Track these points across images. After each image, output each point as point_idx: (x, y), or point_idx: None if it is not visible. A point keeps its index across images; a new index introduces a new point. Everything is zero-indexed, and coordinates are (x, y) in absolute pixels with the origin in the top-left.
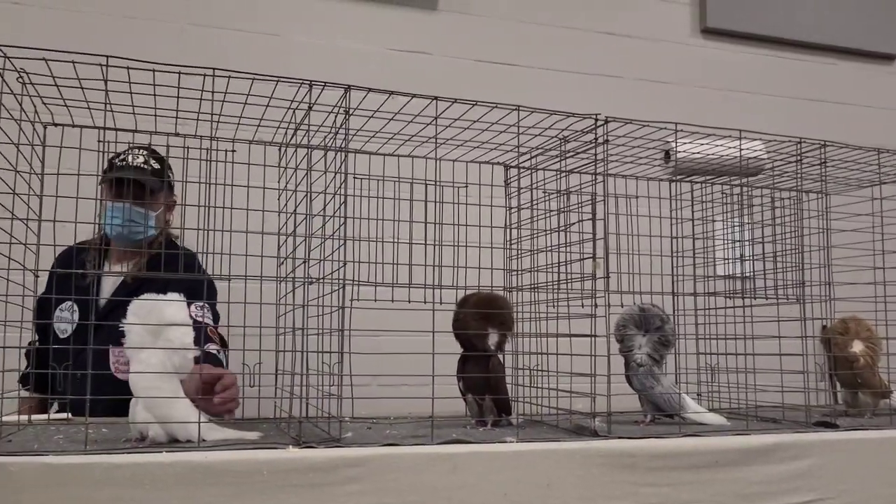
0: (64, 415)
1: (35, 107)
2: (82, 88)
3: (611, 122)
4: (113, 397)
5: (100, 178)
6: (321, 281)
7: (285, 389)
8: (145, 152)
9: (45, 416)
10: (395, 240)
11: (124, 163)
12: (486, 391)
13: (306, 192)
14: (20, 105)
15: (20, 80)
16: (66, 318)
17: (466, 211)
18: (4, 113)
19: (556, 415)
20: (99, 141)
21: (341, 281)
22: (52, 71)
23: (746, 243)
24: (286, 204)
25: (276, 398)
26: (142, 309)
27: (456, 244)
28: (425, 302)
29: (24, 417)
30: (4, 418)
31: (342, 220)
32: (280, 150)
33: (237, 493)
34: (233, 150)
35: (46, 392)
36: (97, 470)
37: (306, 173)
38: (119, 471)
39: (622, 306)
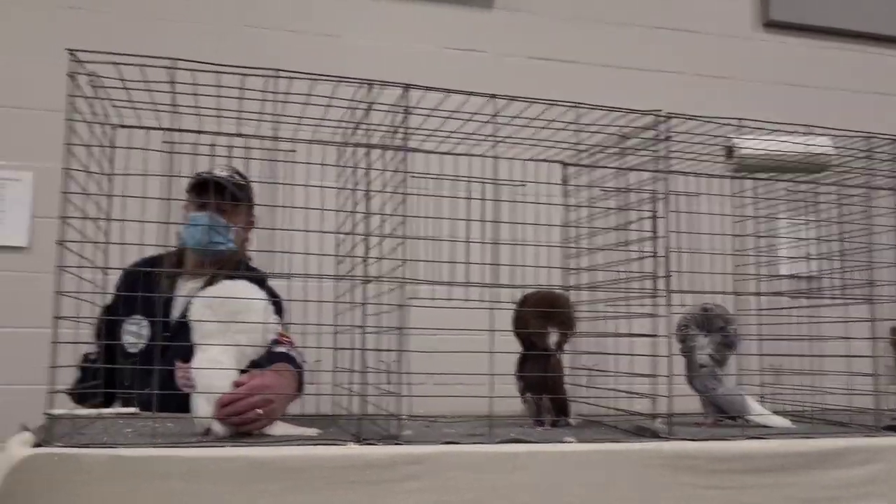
0: (133, 409)
1: (105, 109)
2: (150, 91)
3: (672, 119)
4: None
5: (186, 188)
6: (380, 279)
7: (344, 387)
8: (231, 169)
9: (114, 410)
10: (453, 238)
11: (209, 174)
12: (544, 391)
13: (365, 191)
14: (91, 108)
15: (92, 83)
16: (134, 332)
17: (524, 209)
18: (76, 116)
19: (616, 416)
20: (164, 142)
21: (400, 279)
22: (121, 74)
23: (812, 241)
24: (345, 203)
25: (335, 395)
26: (214, 301)
27: (513, 243)
28: (482, 301)
29: (94, 411)
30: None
31: (401, 218)
32: (339, 149)
33: (297, 488)
34: (292, 150)
35: (108, 404)
36: (163, 463)
37: (365, 172)
38: (184, 464)
39: (683, 306)
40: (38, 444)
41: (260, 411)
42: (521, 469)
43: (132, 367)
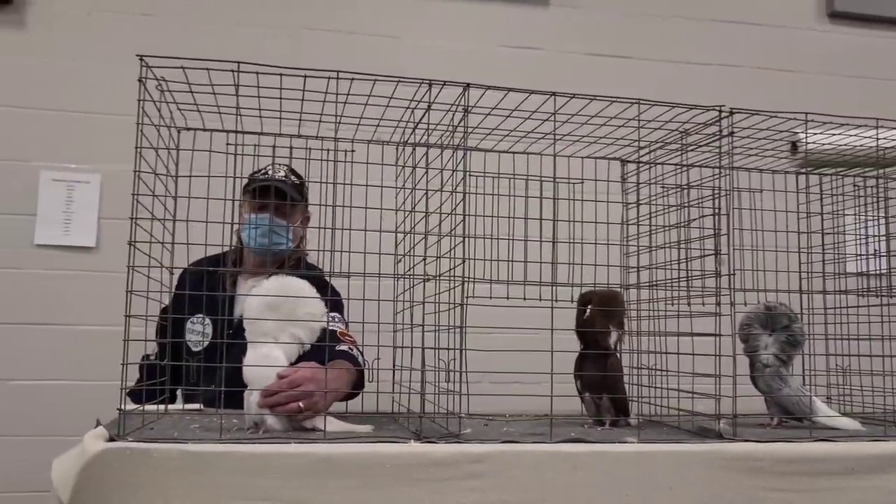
0: (196, 405)
1: (171, 113)
2: (214, 94)
3: (735, 114)
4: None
5: (242, 189)
6: (439, 278)
7: (403, 385)
8: (285, 167)
9: (179, 406)
10: (511, 237)
11: (266, 175)
12: (603, 390)
13: (425, 190)
14: (159, 111)
15: (159, 87)
16: (198, 331)
17: (582, 207)
18: (145, 119)
19: (678, 416)
20: (228, 144)
21: (460, 278)
22: (187, 79)
23: (881, 238)
24: (404, 202)
25: (394, 393)
26: (266, 296)
27: (572, 241)
28: (541, 299)
29: (161, 408)
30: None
31: (462, 217)
32: (398, 149)
33: (360, 485)
34: (352, 150)
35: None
36: (232, 458)
37: (424, 171)
38: (251, 460)
39: (746, 304)
40: (111, 439)
41: (301, 404)
42: (582, 469)
43: (196, 363)
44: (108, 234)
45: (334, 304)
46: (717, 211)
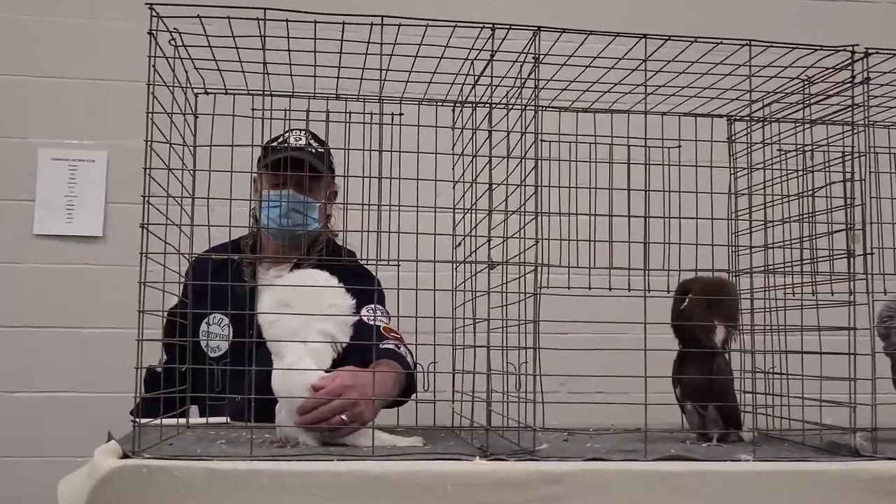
0: (223, 419)
1: (187, 72)
2: (237, 48)
3: (872, 55)
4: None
5: (258, 161)
6: (506, 264)
7: (465, 393)
8: (306, 133)
9: (203, 420)
10: (592, 212)
11: (283, 144)
12: (709, 398)
13: (488, 157)
14: (173, 70)
15: (172, 42)
16: (216, 333)
17: (680, 176)
18: (157, 80)
19: (802, 429)
20: (253, 109)
21: (532, 264)
22: (206, 31)
23: None
24: (463, 173)
25: (454, 401)
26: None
27: (667, 216)
28: (630, 289)
29: (182, 420)
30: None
31: (534, 189)
32: (455, 109)
33: None
34: (400, 114)
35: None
36: (265, 477)
37: (487, 136)
38: (288, 479)
39: (886, 293)
40: (125, 456)
41: (344, 417)
42: (685, 492)
43: (215, 367)
44: (116, 221)
45: (376, 295)
46: (848, 176)
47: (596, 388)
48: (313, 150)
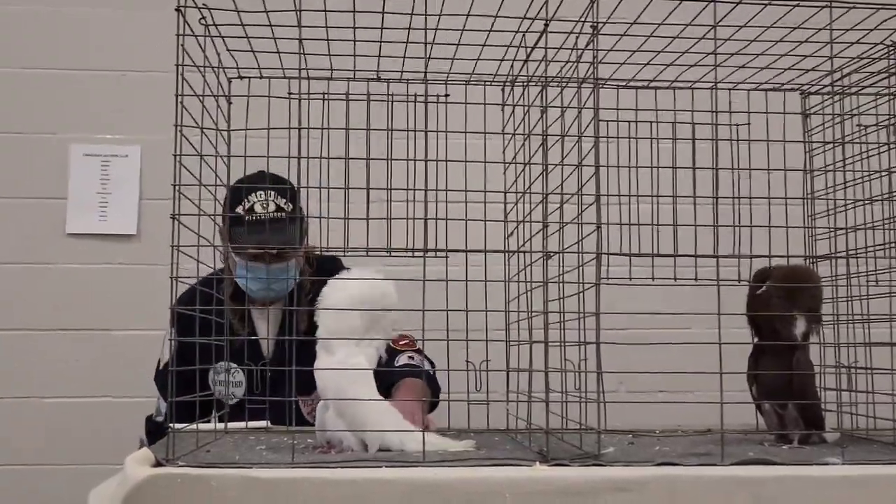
0: (263, 423)
1: (219, 54)
2: (271, 26)
3: None
4: None
5: (224, 221)
6: (563, 252)
7: (521, 393)
8: (272, 193)
9: (242, 424)
10: (655, 192)
11: (255, 215)
12: (789, 396)
13: (542, 135)
14: (202, 49)
15: (203, 20)
16: (226, 381)
17: (749, 154)
18: (187, 61)
19: (894, 428)
20: (290, 93)
21: (595, 252)
22: (235, 5)
23: None
24: (515, 155)
25: (509, 401)
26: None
27: (737, 196)
28: (697, 279)
29: (221, 425)
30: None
31: (592, 170)
32: (504, 88)
33: None
34: (446, 95)
35: None
36: (308, 486)
37: (541, 114)
38: (333, 488)
39: None
40: (158, 464)
41: None
42: (767, 500)
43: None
44: (151, 219)
45: None
46: None
47: (658, 386)
48: (285, 213)
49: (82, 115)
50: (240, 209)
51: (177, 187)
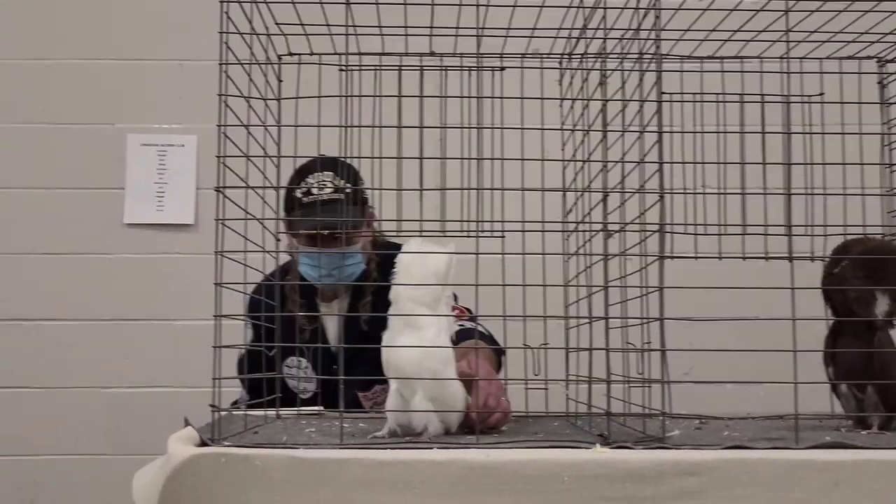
0: (317, 407)
1: (267, 28)
2: (321, 3)
3: None
4: None
5: (284, 208)
6: (624, 231)
7: (581, 376)
8: (329, 174)
9: (294, 410)
10: (721, 158)
11: (311, 197)
12: (869, 378)
13: (603, 100)
14: (249, 20)
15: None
16: (298, 376)
17: (822, 122)
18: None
19: None
20: (341, 70)
21: (658, 223)
22: None
23: None
24: (573, 131)
25: (568, 381)
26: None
27: (809, 163)
28: (767, 255)
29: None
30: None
31: (654, 142)
32: (562, 62)
33: (531, 502)
34: (500, 68)
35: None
36: (356, 467)
37: (599, 79)
38: (382, 469)
39: None
40: (202, 444)
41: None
42: (848, 485)
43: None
44: (208, 208)
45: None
46: None
47: (724, 373)
48: (342, 196)
49: (139, 104)
50: (298, 193)
51: (221, 159)
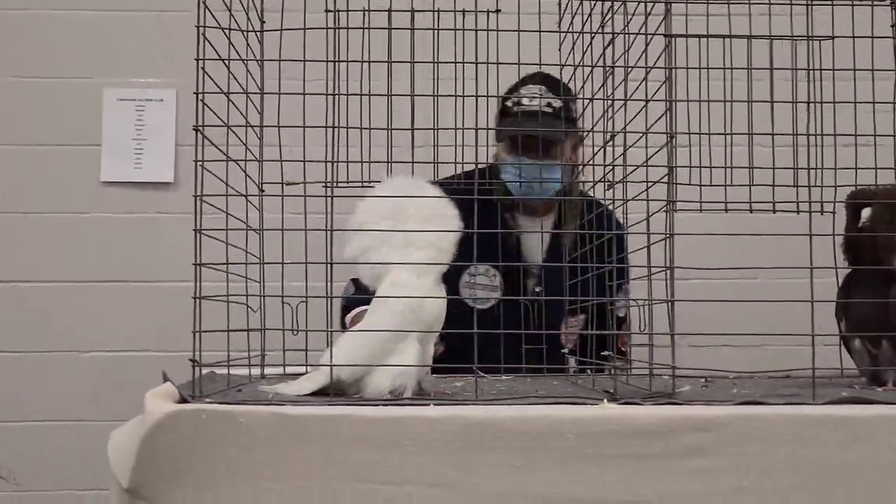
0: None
1: None
2: None
3: None
4: None
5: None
6: (626, 182)
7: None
8: (542, 88)
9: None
10: (728, 98)
11: (520, 107)
12: (884, 332)
13: (610, 37)
14: None
15: None
16: (483, 285)
17: (833, 63)
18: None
19: None
20: (327, 11)
21: (665, 165)
22: None
23: None
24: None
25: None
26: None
27: (817, 101)
28: (799, 208)
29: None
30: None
31: (665, 103)
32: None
33: (530, 461)
34: (497, 10)
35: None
36: (345, 424)
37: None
38: (373, 426)
39: None
40: (182, 401)
41: None
42: (867, 442)
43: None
44: (189, 165)
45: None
46: None
47: (724, 340)
48: (551, 110)
49: (116, 58)
50: (509, 104)
51: (200, 95)
